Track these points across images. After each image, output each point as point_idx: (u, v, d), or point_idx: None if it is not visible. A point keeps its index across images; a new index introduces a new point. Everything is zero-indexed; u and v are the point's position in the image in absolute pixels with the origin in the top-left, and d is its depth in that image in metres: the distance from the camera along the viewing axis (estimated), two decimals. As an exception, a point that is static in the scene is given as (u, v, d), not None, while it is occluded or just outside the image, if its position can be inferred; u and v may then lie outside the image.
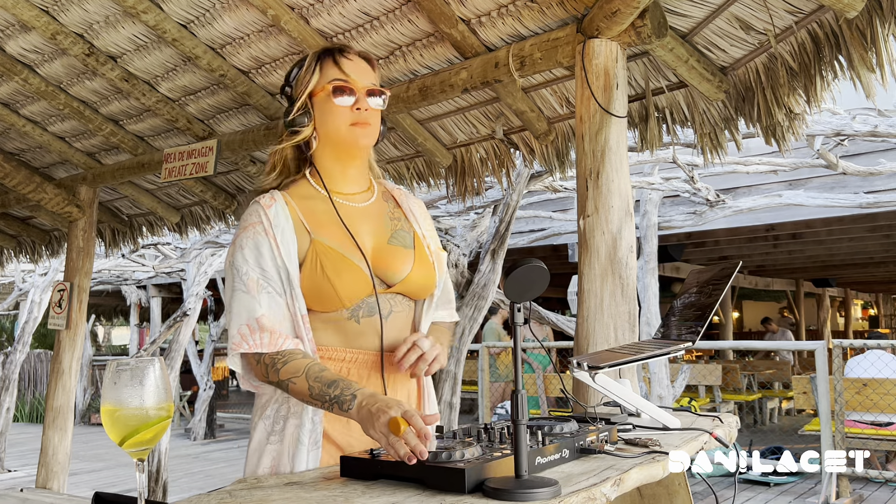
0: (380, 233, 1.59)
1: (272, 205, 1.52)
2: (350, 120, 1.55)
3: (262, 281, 1.46)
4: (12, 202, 4.63)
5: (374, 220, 1.60)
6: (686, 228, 7.29)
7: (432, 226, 1.73)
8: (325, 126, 1.57)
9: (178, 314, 7.19)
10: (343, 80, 1.55)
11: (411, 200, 1.71)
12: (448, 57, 2.59)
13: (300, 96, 1.58)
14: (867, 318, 22.05)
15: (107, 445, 9.04)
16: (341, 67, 1.56)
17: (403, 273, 1.57)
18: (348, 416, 1.33)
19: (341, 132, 1.56)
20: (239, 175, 3.94)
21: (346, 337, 1.51)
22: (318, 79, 1.57)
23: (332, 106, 1.55)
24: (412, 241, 1.62)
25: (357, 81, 1.56)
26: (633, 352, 1.57)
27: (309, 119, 1.58)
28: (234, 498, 1.11)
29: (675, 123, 2.56)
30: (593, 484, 1.08)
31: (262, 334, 1.43)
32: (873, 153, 6.70)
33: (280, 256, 1.47)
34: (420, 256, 1.61)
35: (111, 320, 20.62)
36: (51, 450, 4.04)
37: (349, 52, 1.60)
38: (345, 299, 1.49)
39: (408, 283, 1.57)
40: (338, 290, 1.48)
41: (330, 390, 1.35)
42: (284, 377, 1.40)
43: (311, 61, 1.60)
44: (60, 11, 2.86)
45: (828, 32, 2.05)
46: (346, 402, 1.33)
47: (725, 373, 8.61)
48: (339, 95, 1.55)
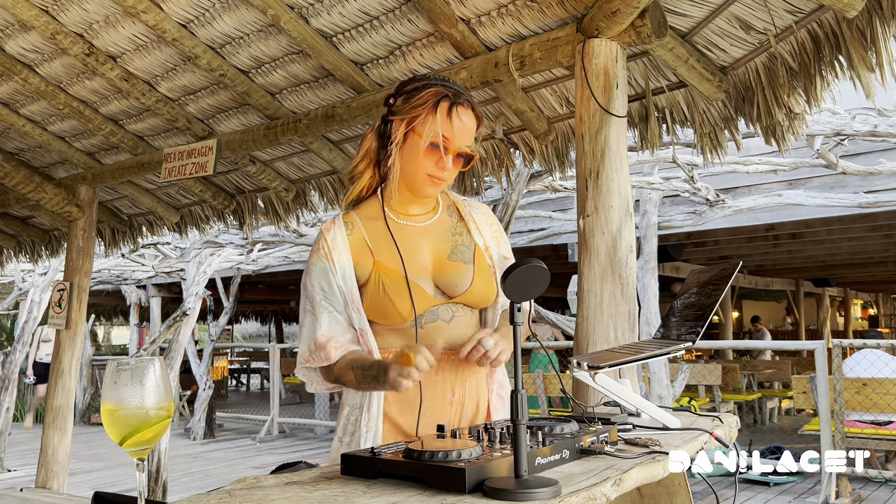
0: (441, 249, 1.68)
1: (331, 229, 1.66)
2: (429, 171, 1.62)
3: (324, 301, 1.62)
4: (12, 202, 4.63)
5: (436, 237, 1.69)
6: (686, 228, 7.29)
7: (499, 230, 1.79)
8: (404, 160, 1.64)
9: (178, 314, 7.18)
10: (444, 139, 1.59)
11: (476, 210, 1.77)
12: (448, 57, 2.59)
13: (402, 120, 1.62)
14: (867, 318, 22.04)
15: (107, 445, 9.04)
16: (451, 123, 1.60)
17: (464, 287, 1.65)
18: (384, 388, 1.48)
19: (417, 177, 1.63)
20: (238, 175, 3.94)
21: (411, 340, 1.61)
22: (426, 122, 1.60)
23: (420, 153, 1.61)
24: (472, 255, 1.69)
25: (454, 142, 1.61)
26: (633, 352, 1.57)
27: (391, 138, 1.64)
28: (233, 498, 1.11)
29: (675, 123, 2.56)
30: (593, 484, 1.08)
31: (322, 352, 1.60)
32: (873, 153, 6.69)
33: (337, 277, 1.62)
34: (480, 269, 1.67)
35: (111, 320, 20.63)
36: (50, 449, 4.04)
37: (465, 105, 1.62)
38: (405, 315, 1.60)
39: (468, 295, 1.66)
40: (398, 309, 1.59)
41: (369, 371, 1.51)
42: (338, 374, 1.59)
43: (428, 98, 1.61)
44: (60, 11, 2.86)
45: (828, 32, 2.05)
46: (380, 375, 1.47)
47: (725, 373, 8.61)
48: (432, 151, 1.60)
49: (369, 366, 1.53)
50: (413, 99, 1.62)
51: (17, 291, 10.11)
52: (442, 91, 1.61)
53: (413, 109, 1.61)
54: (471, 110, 1.63)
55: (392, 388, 1.45)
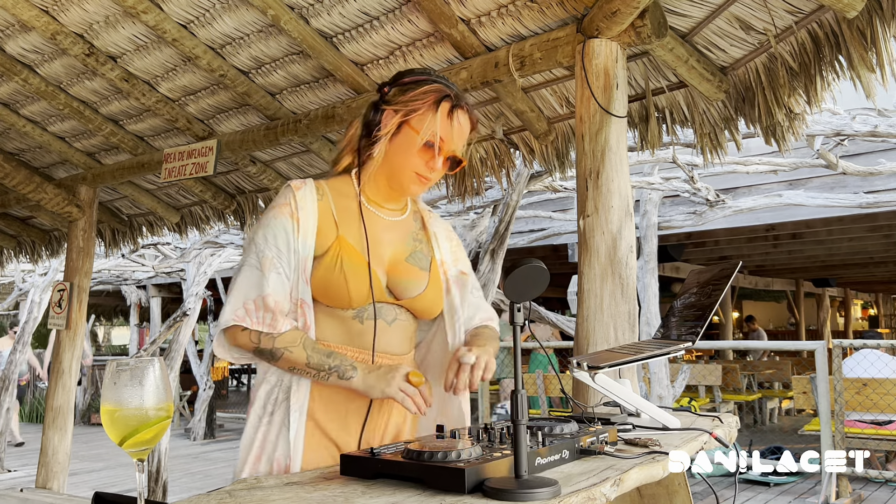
0: (400, 249, 1.61)
1: (301, 188, 1.54)
2: (418, 169, 1.57)
3: (276, 261, 1.48)
4: (12, 202, 4.64)
5: (399, 236, 1.63)
6: (686, 228, 7.29)
7: (458, 246, 1.75)
8: (393, 153, 1.57)
9: (178, 314, 7.19)
10: (440, 141, 1.55)
11: (437, 224, 1.73)
12: (448, 57, 2.59)
13: (396, 111, 1.56)
14: (867, 318, 22.04)
15: (107, 445, 9.04)
16: (451, 125, 1.56)
17: (416, 292, 1.59)
18: (348, 384, 1.44)
19: (404, 173, 1.58)
20: (239, 175, 3.94)
21: (349, 335, 1.53)
22: (424, 119, 1.55)
23: (414, 150, 1.55)
24: (429, 264, 1.64)
25: (448, 144, 1.57)
26: (633, 352, 1.57)
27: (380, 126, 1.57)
28: (233, 498, 1.11)
29: (675, 123, 2.56)
30: (593, 484, 1.08)
31: (266, 314, 1.45)
32: (873, 153, 6.70)
33: (298, 240, 1.50)
34: (434, 280, 1.63)
35: (111, 320, 20.63)
36: (51, 450, 4.04)
37: (464, 108, 1.58)
38: (355, 301, 1.51)
39: (418, 301, 1.60)
40: (350, 291, 1.50)
41: (329, 360, 1.44)
42: (280, 345, 1.44)
43: (430, 94, 1.56)
44: (60, 11, 2.86)
45: (828, 32, 2.05)
46: (347, 370, 1.44)
47: (725, 373, 8.60)
48: (426, 149, 1.55)
49: (329, 353, 1.45)
50: (413, 92, 1.56)
51: (18, 292, 10.11)
52: (444, 90, 1.57)
53: (412, 102, 1.55)
54: (468, 115, 1.60)
55: (390, 393, 1.41)
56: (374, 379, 1.43)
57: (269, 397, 1.51)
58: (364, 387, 1.44)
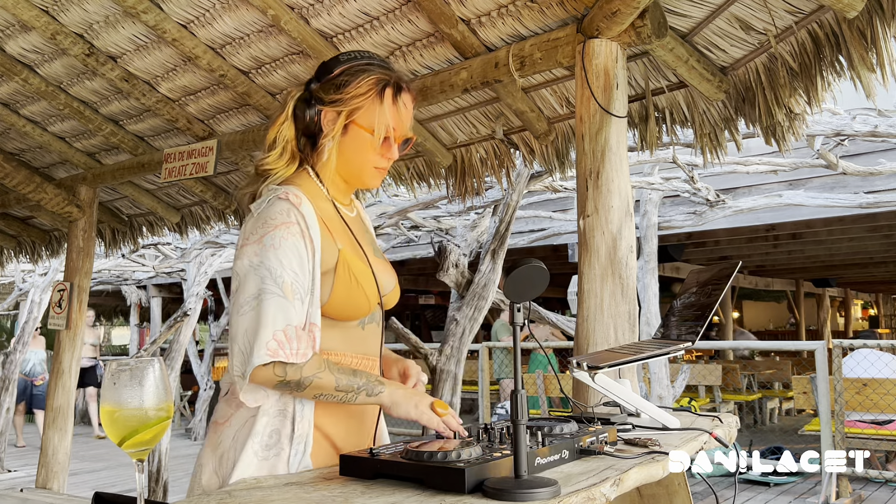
0: (368, 243, 1.56)
1: (301, 203, 1.39)
2: (377, 164, 1.50)
3: (296, 285, 1.35)
4: (12, 202, 4.64)
5: (360, 229, 1.57)
6: (686, 228, 7.29)
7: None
8: (348, 153, 1.49)
9: (179, 314, 7.18)
10: (394, 129, 1.49)
11: (364, 211, 1.69)
12: (448, 57, 2.59)
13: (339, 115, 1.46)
14: (867, 318, 22.03)
15: (107, 445, 9.04)
16: (398, 112, 1.48)
17: (392, 286, 1.56)
18: (377, 400, 1.39)
19: (364, 171, 1.51)
20: (239, 175, 3.94)
21: (352, 342, 1.48)
22: (370, 114, 1.46)
23: (368, 147, 1.48)
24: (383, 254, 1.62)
25: (400, 131, 1.51)
26: (633, 352, 1.57)
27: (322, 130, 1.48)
28: (233, 498, 1.11)
29: (675, 123, 2.56)
30: (593, 484, 1.08)
31: (299, 344, 1.33)
32: (873, 153, 6.69)
33: (312, 262, 1.38)
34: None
35: (111, 320, 20.62)
36: (51, 450, 4.04)
37: (405, 87, 1.50)
38: (371, 308, 1.48)
39: (390, 295, 1.56)
40: (369, 299, 1.45)
41: (357, 379, 1.37)
42: (308, 373, 1.32)
43: (370, 86, 1.46)
44: (60, 11, 2.86)
45: (828, 32, 2.05)
46: (375, 387, 1.38)
47: (725, 373, 8.61)
48: (385, 145, 1.49)
49: (354, 372, 1.37)
50: (348, 87, 1.46)
51: (18, 292, 10.11)
52: (382, 76, 1.47)
53: (352, 100, 1.45)
54: (409, 92, 1.51)
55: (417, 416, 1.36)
56: (400, 396, 1.38)
57: (267, 430, 1.38)
58: (390, 402, 1.38)
